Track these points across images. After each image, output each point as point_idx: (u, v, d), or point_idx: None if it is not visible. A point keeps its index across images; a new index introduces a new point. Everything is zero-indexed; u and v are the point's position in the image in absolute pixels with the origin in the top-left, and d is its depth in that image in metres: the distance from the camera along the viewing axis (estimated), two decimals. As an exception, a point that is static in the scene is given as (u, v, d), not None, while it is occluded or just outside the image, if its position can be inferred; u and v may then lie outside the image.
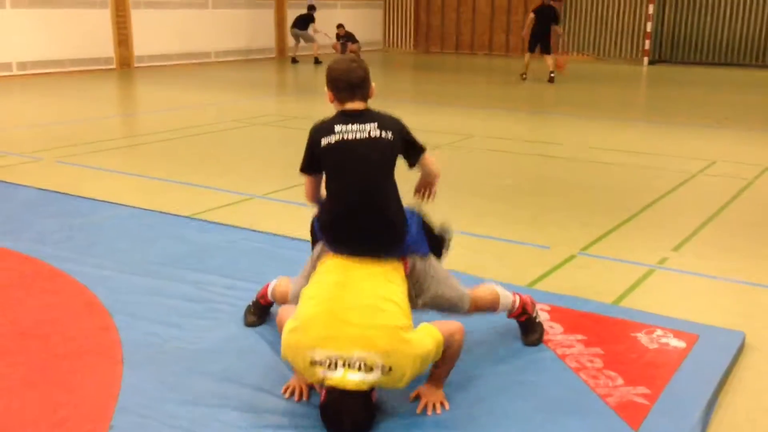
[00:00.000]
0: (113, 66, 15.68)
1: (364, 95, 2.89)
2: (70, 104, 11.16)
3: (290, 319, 2.67)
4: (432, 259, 2.99)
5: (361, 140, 2.80)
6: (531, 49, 14.16)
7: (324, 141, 2.81)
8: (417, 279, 2.92)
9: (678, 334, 3.32)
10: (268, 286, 3.42)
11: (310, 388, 2.81)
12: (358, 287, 2.67)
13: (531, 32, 13.97)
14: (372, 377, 2.49)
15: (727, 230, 5.07)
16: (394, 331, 2.55)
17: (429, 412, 2.69)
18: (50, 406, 2.70)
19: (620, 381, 2.93)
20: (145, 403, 2.74)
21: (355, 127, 2.81)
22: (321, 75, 16.08)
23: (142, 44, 16.15)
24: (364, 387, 2.50)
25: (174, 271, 4.03)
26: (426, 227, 3.01)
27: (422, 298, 2.94)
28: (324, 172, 2.88)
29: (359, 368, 2.47)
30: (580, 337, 3.30)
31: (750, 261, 4.46)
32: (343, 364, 2.48)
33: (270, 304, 3.45)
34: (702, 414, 2.70)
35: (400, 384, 2.58)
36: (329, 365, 2.49)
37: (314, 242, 3.04)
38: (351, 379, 2.47)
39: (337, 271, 2.76)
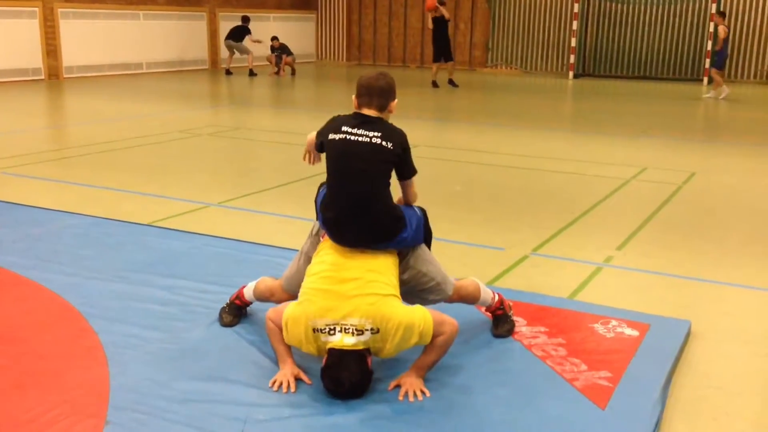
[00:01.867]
0: (42, 77, 15.32)
1: (381, 105, 3.09)
2: (1, 115, 10.87)
3: (292, 303, 2.97)
4: (423, 245, 3.23)
5: (362, 143, 2.99)
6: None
7: (330, 135, 3.05)
8: (405, 256, 3.15)
9: (631, 324, 3.59)
10: (243, 288, 3.54)
11: (297, 380, 2.95)
12: (352, 264, 2.97)
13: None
14: (363, 338, 2.83)
15: (664, 230, 5.43)
16: (380, 299, 2.86)
17: (411, 399, 2.85)
18: (43, 406, 2.74)
19: (584, 367, 3.17)
20: (139, 399, 2.81)
21: (360, 131, 3.00)
22: (257, 87, 16.09)
23: (71, 55, 15.83)
24: (360, 346, 2.83)
25: (143, 276, 4.08)
26: (426, 222, 3.22)
27: (408, 273, 3.15)
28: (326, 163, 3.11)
29: (352, 333, 2.82)
30: (542, 329, 3.53)
31: (687, 257, 4.81)
32: (340, 330, 2.83)
33: (245, 305, 3.56)
34: (660, 393, 2.96)
35: (385, 350, 2.86)
36: (329, 331, 2.84)
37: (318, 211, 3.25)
38: (347, 342, 2.82)
39: (335, 252, 3.04)
